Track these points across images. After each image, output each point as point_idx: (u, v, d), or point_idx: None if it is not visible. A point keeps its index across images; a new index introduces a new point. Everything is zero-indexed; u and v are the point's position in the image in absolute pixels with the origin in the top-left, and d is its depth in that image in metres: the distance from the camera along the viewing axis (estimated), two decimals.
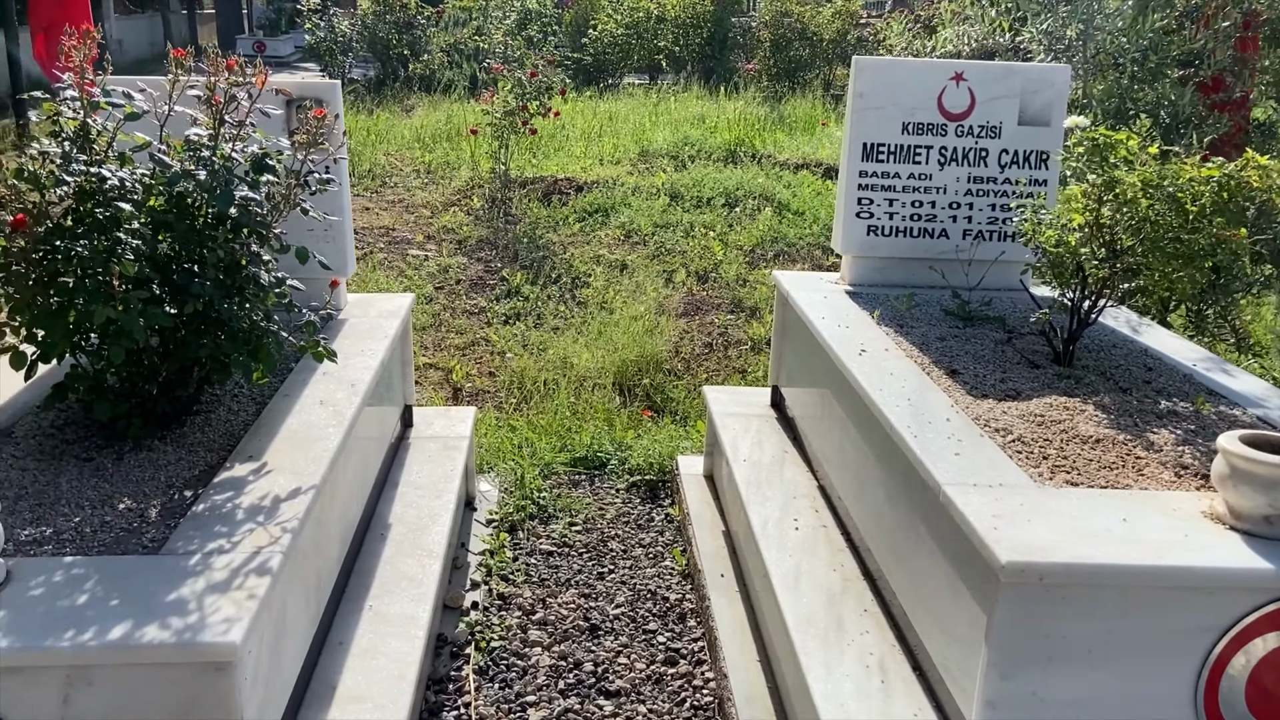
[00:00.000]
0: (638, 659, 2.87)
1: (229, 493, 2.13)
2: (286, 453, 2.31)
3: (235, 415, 2.58)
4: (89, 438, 2.43)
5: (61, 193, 2.28)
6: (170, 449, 2.38)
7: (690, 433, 4.36)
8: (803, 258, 7.12)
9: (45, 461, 2.30)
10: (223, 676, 1.69)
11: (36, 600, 1.74)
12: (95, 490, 2.18)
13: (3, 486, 2.17)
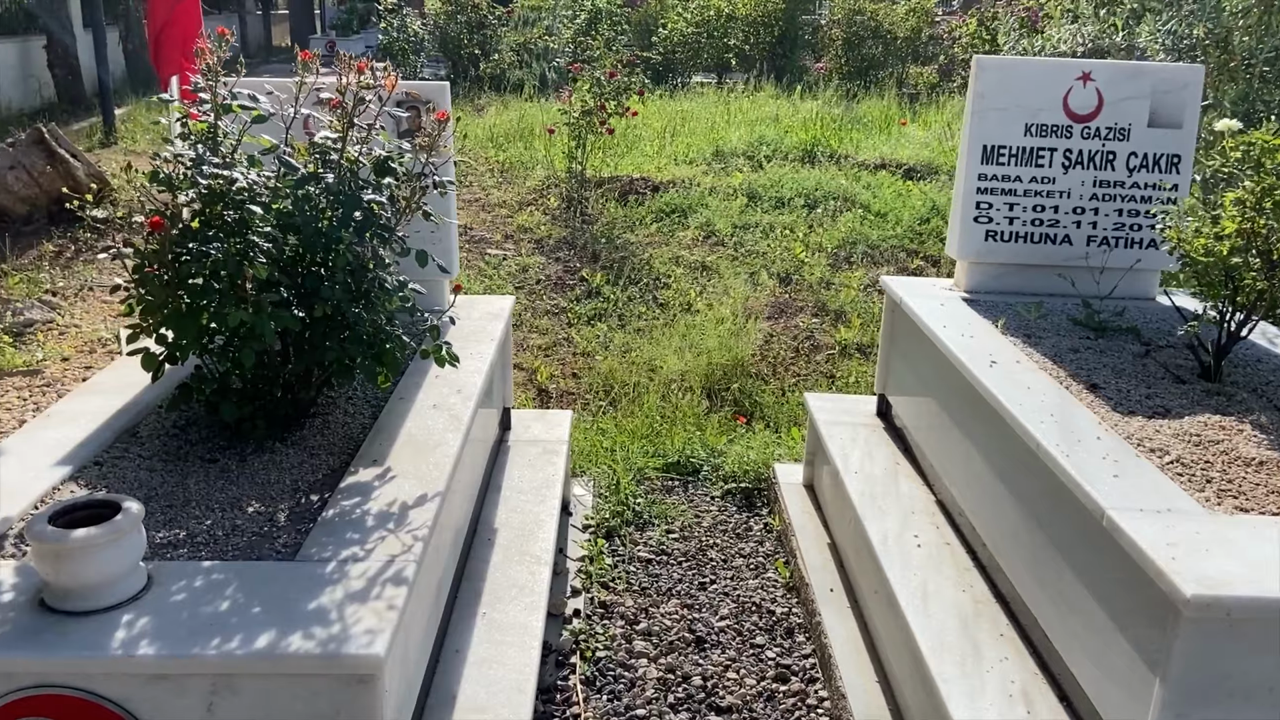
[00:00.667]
0: (747, 674, 2.80)
1: (356, 498, 2.10)
2: (408, 458, 2.29)
3: (352, 418, 2.56)
4: (211, 439, 2.43)
5: (189, 195, 2.28)
6: (292, 452, 2.37)
7: (784, 440, 4.28)
8: (887, 260, 6.98)
9: (171, 463, 2.30)
10: (366, 689, 1.66)
11: (180, 606, 1.73)
12: (223, 493, 2.17)
13: (133, 487, 2.17)
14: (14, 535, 1.97)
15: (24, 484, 2.14)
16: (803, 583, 3.09)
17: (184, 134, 2.43)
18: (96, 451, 2.32)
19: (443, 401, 2.61)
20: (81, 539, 1.66)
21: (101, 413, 2.52)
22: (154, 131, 11.62)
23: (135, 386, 2.69)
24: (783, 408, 4.83)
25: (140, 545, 1.76)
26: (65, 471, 2.21)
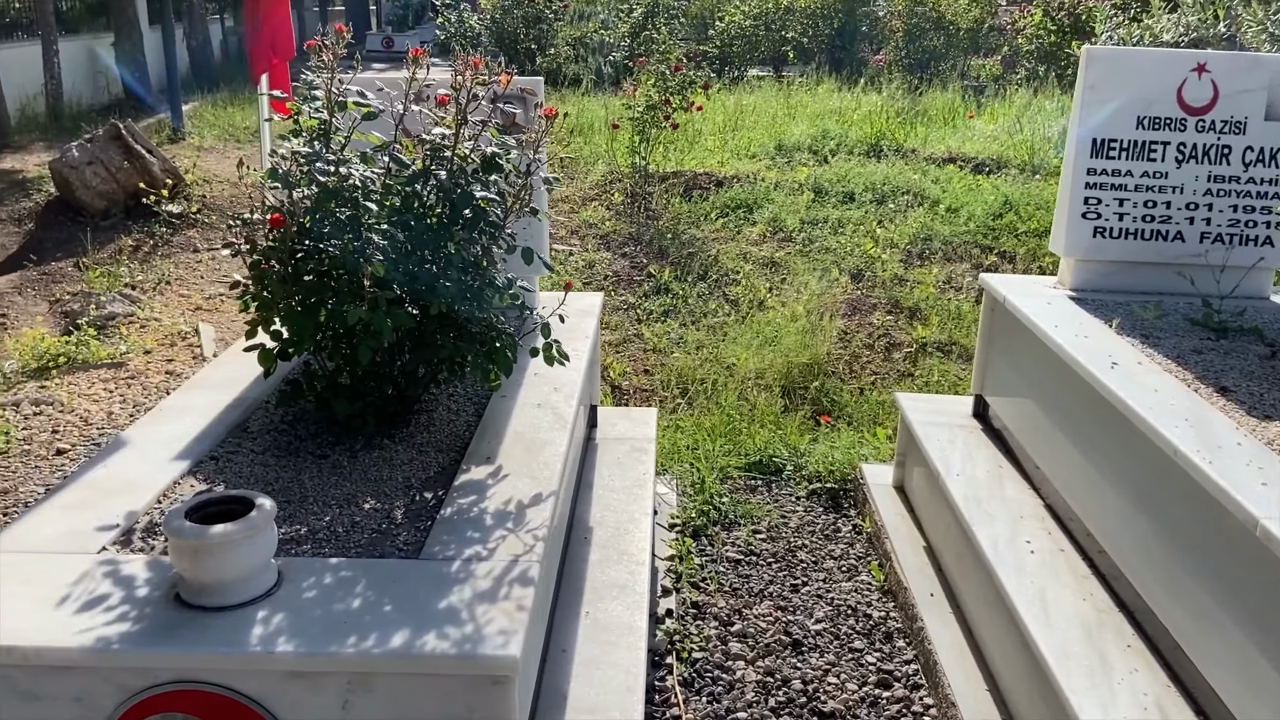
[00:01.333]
0: (848, 679, 2.75)
1: (472, 496, 2.09)
2: (518, 456, 2.27)
3: (456, 415, 2.56)
4: (320, 434, 2.43)
5: (302, 193, 2.28)
6: (401, 448, 2.37)
7: (867, 439, 4.21)
8: (960, 256, 6.86)
9: (284, 458, 2.31)
10: (500, 689, 1.64)
11: (312, 603, 1.72)
12: (338, 489, 2.17)
13: (250, 482, 2.18)
14: (140, 529, 1.98)
15: (145, 478, 2.16)
16: (900, 586, 3.03)
17: (296, 131, 2.44)
18: (211, 446, 2.34)
19: (545, 400, 2.59)
20: (220, 535, 1.67)
21: (211, 408, 2.54)
22: (221, 127, 11.82)
23: (240, 382, 2.71)
24: (862, 407, 4.76)
25: (273, 542, 1.77)
26: (183, 466, 2.23)
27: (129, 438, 2.35)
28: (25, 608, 1.70)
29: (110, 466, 2.20)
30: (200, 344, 5.70)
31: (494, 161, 2.39)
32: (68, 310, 6.01)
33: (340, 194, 2.23)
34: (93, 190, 7.28)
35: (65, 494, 2.09)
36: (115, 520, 1.98)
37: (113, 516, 1.99)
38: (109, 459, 2.24)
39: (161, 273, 6.66)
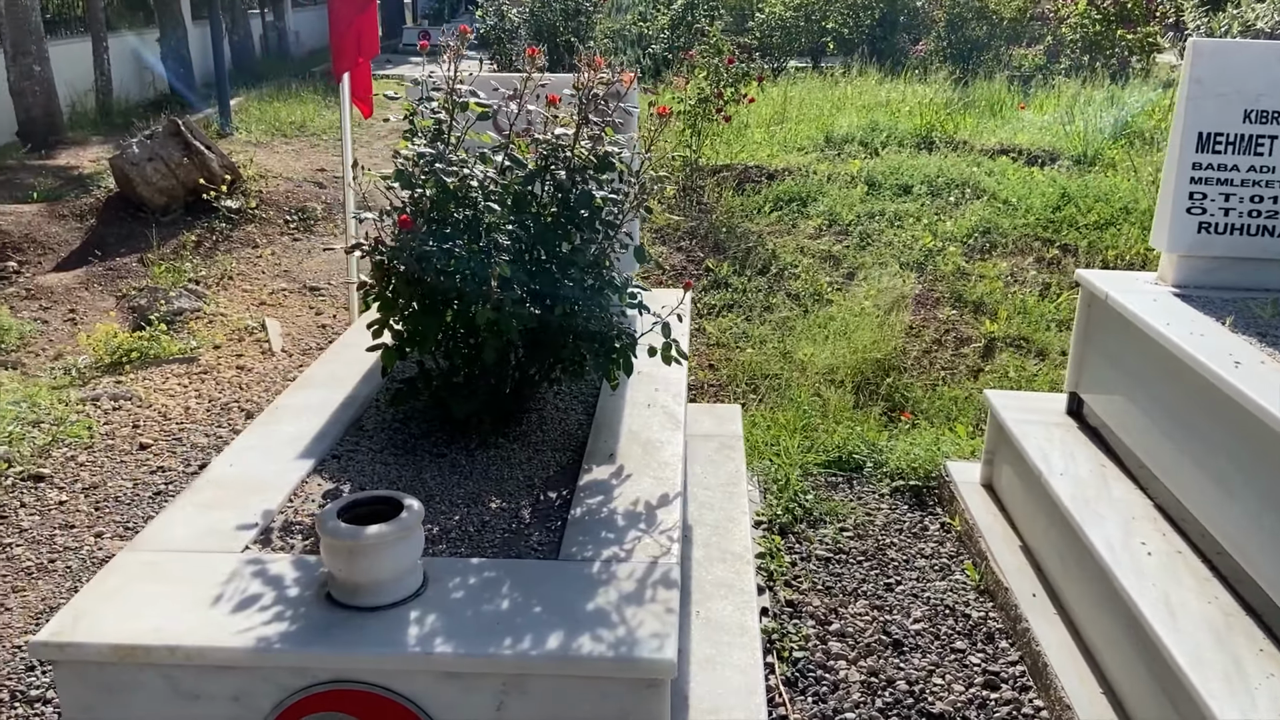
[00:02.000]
0: (954, 680, 2.74)
1: (599, 497, 2.09)
2: (636, 456, 2.27)
3: (565, 415, 2.56)
4: (433, 433, 2.45)
5: (421, 193, 2.29)
6: (517, 447, 2.37)
7: (946, 435, 4.18)
8: (1021, 249, 6.79)
9: (402, 456, 2.33)
10: (654, 693, 1.65)
11: (462, 604, 1.73)
12: (461, 488, 2.18)
13: (373, 481, 2.20)
14: (278, 528, 2.00)
15: (274, 477, 2.18)
16: (999, 586, 3.01)
17: (411, 131, 2.44)
18: (331, 445, 2.35)
19: (653, 399, 2.59)
20: (375, 536, 1.68)
21: (324, 406, 2.55)
22: (267, 122, 11.91)
23: (347, 380, 2.73)
24: (935, 403, 4.72)
25: (421, 542, 1.78)
26: (308, 465, 2.24)
27: (249, 440, 2.37)
28: (180, 608, 1.72)
29: (237, 465, 2.22)
30: (268, 339, 5.76)
31: (608, 160, 2.39)
32: (135, 305, 6.09)
33: (461, 195, 2.24)
34: (153, 186, 7.36)
35: (198, 492, 2.11)
36: (253, 519, 2.00)
37: (249, 515, 2.01)
38: (235, 457, 2.26)
39: (224, 268, 6.72)
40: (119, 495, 3.88)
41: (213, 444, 4.34)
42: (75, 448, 4.25)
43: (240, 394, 4.95)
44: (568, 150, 2.31)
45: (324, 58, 20.25)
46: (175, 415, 4.68)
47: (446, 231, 2.20)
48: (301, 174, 9.08)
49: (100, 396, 4.78)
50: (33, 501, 3.78)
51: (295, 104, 13.21)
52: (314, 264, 7.00)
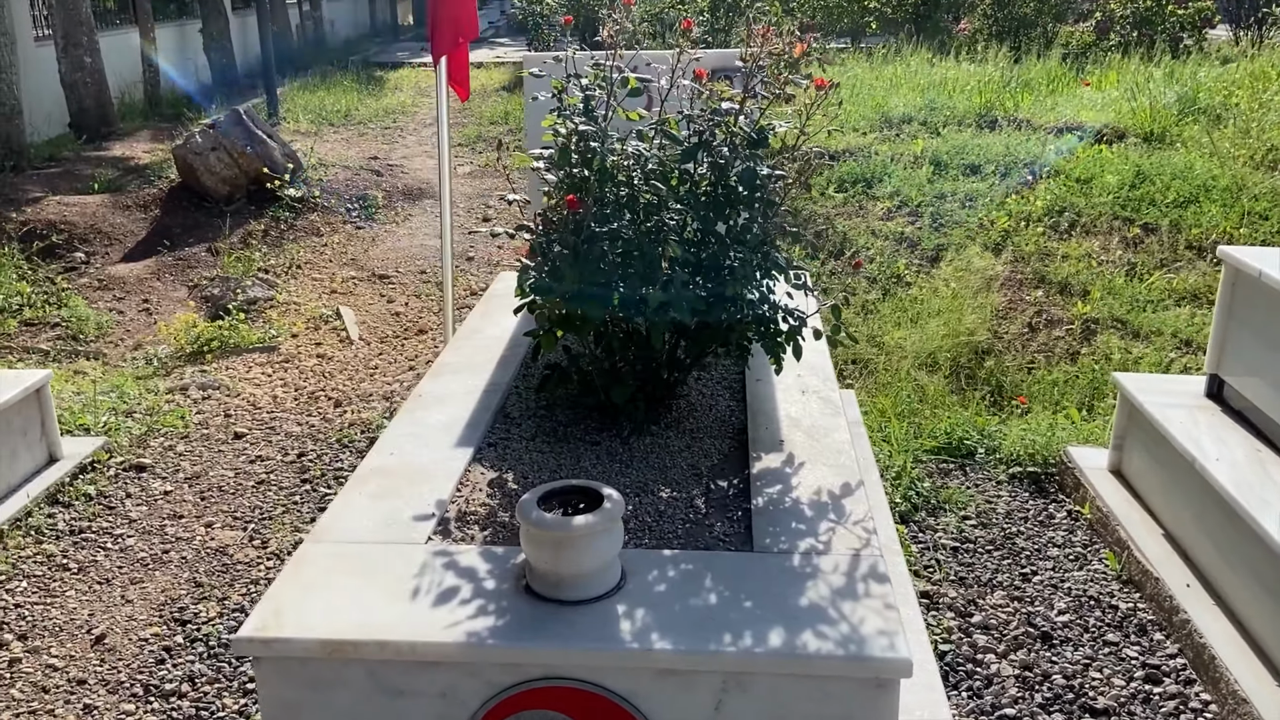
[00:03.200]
0: (1112, 674, 2.64)
1: (776, 486, 2.02)
2: (802, 443, 2.19)
3: (714, 401, 2.48)
4: (582, 420, 2.38)
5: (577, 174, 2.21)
6: (672, 435, 2.30)
7: (1059, 420, 4.07)
8: (1101, 229, 6.64)
9: (556, 444, 2.26)
10: (883, 692, 1.57)
11: (667, 598, 1.66)
12: (625, 476, 2.11)
13: (535, 469, 2.13)
14: (454, 519, 1.94)
15: (435, 466, 2.12)
16: (1147, 576, 2.91)
17: (560, 109, 2.37)
18: (484, 433, 2.29)
19: (806, 384, 2.51)
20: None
21: (467, 394, 2.49)
22: (313, 111, 11.89)
23: (482, 368, 2.66)
24: (1034, 386, 4.61)
25: (621, 534, 1.70)
26: (466, 453, 2.18)
27: (403, 424, 2.31)
28: (380, 601, 1.66)
29: (397, 454, 2.16)
30: (344, 327, 5.72)
31: (762, 136, 2.30)
32: (208, 295, 6.07)
33: (623, 174, 2.16)
34: (216, 176, 7.35)
35: (364, 482, 2.05)
36: (427, 509, 1.94)
37: (423, 506, 1.95)
38: (394, 445, 2.20)
39: (291, 257, 6.70)
40: (222, 485, 3.85)
41: (306, 433, 4.30)
42: (171, 437, 4.23)
43: (325, 382, 4.91)
44: (725, 126, 2.22)
45: (360, 46, 20.24)
46: (264, 404, 4.64)
47: (607, 212, 2.12)
48: (356, 162, 9.05)
49: (189, 386, 4.76)
50: (138, 492, 3.75)
51: (339, 93, 13.20)
52: (380, 252, 6.96)
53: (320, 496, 3.74)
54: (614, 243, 2.06)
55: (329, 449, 4.14)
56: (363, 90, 13.45)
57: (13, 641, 2.88)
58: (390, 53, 19.25)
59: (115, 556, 3.33)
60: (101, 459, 3.92)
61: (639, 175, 2.17)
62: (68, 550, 3.34)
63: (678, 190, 2.21)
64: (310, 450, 4.13)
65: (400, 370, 5.04)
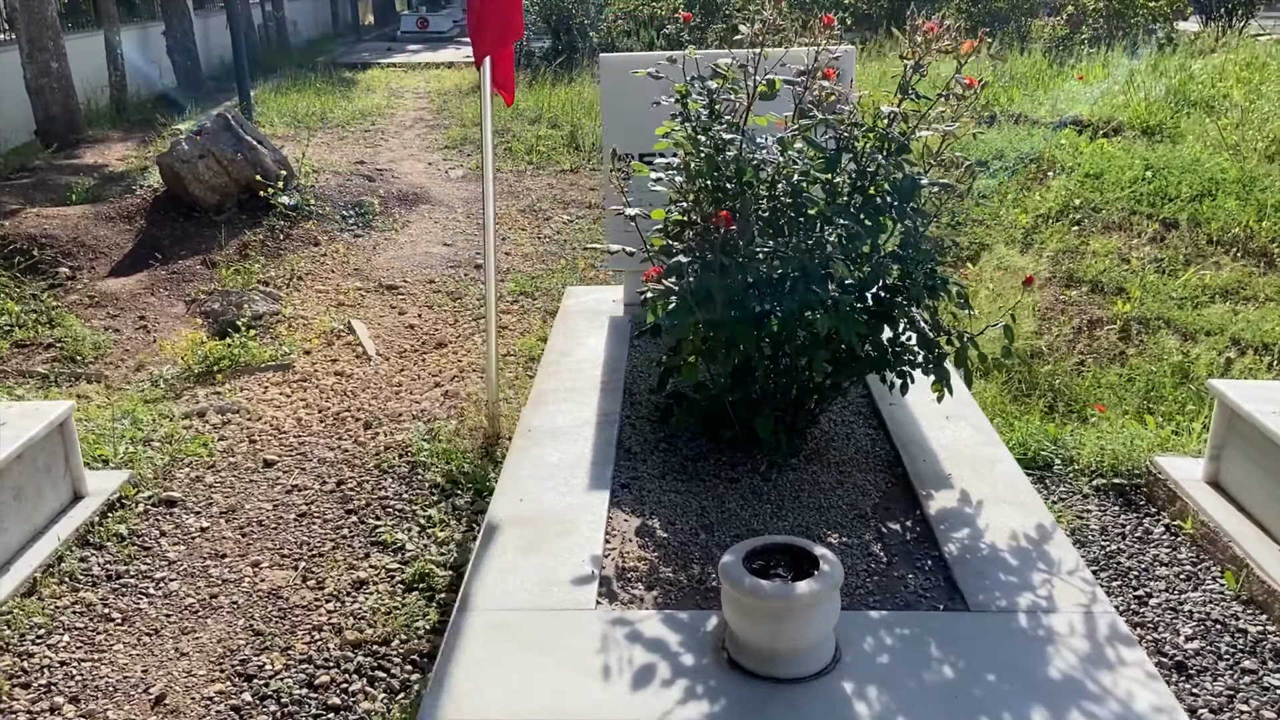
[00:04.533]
0: (1260, 706, 2.50)
1: (962, 529, 1.84)
2: (971, 478, 2.02)
3: (849, 428, 2.30)
4: (709, 454, 2.18)
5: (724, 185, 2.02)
6: (815, 468, 2.12)
7: (1131, 426, 3.94)
8: (1120, 225, 6.56)
9: (692, 482, 2.07)
10: None
11: (894, 672, 1.48)
12: (781, 519, 1.92)
13: (678, 511, 1.94)
14: (614, 576, 1.74)
15: (574, 512, 1.91)
16: (1274, 597, 2.77)
17: (681, 114, 2.17)
18: (611, 472, 2.09)
19: (950, 410, 2.33)
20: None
21: (579, 426, 2.28)
22: (287, 114, 11.53)
23: (585, 397, 2.46)
24: (1096, 390, 4.49)
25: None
26: (602, 497, 1.98)
27: (521, 465, 2.10)
28: (564, 681, 1.45)
29: (528, 501, 1.95)
30: (359, 342, 5.46)
31: (905, 143, 2.12)
32: (208, 310, 5.77)
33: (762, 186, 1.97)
34: (205, 184, 7.02)
35: (502, 533, 1.84)
36: (584, 568, 1.73)
37: (577, 562, 1.75)
38: (520, 490, 1.99)
39: (291, 268, 6.40)
40: (262, 519, 3.59)
41: (341, 458, 4.05)
42: (197, 467, 3.96)
43: (349, 402, 4.65)
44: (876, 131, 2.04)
45: (323, 47, 19.77)
46: (289, 428, 4.38)
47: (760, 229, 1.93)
48: (343, 167, 8.75)
49: (206, 410, 4.48)
50: (172, 529, 3.49)
51: (311, 95, 12.82)
52: (383, 261, 6.69)
53: (370, 530, 3.50)
54: (771, 262, 1.87)
55: (369, 476, 3.90)
56: (335, 92, 13.07)
57: (65, 705, 2.63)
58: (356, 53, 18.84)
59: (160, 603, 3.07)
60: (129, 494, 3.65)
61: (783, 186, 1.98)
62: (108, 598, 3.08)
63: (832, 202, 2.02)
64: (349, 478, 3.89)
65: (426, 387, 4.80)
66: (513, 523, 1.85)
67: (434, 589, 3.14)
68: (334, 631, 2.96)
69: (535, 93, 11.94)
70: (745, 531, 1.87)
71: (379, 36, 22.11)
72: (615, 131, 2.76)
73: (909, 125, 2.03)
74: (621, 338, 2.59)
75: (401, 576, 3.22)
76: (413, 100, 13.07)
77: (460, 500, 3.69)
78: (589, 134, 9.76)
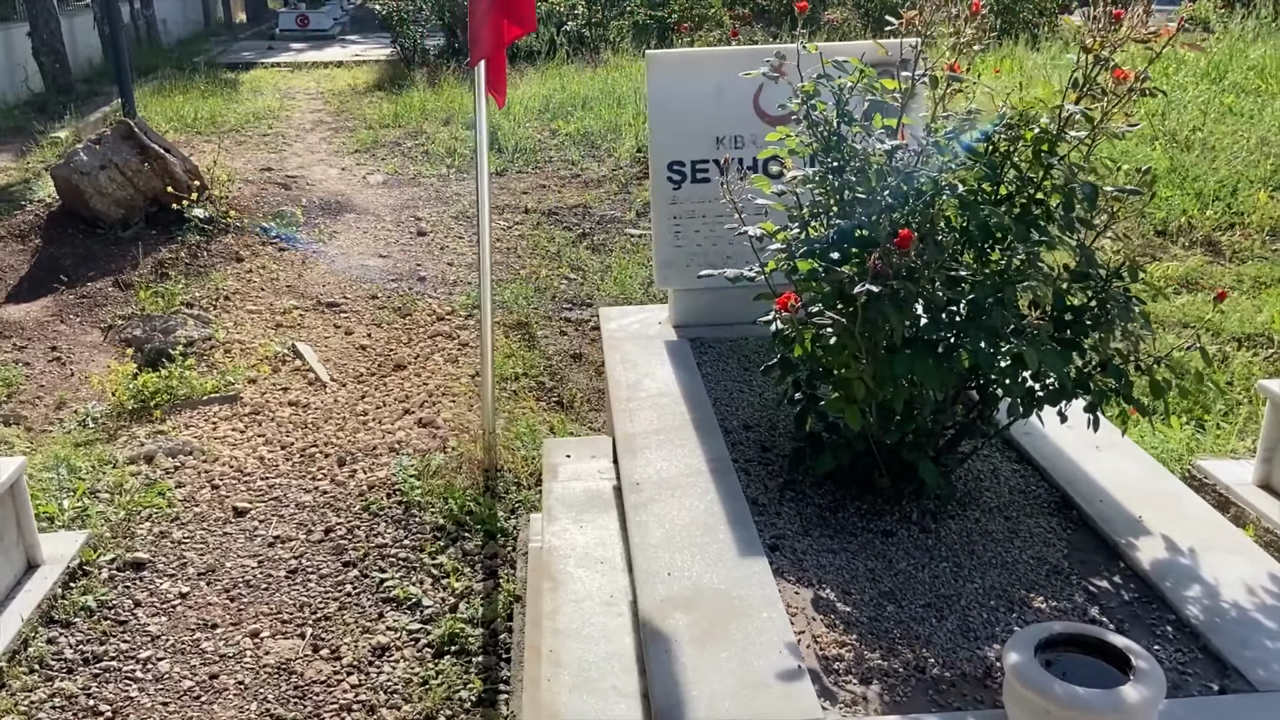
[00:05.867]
0: None
1: (1193, 586, 1.64)
2: (1165, 521, 1.83)
3: (989, 462, 2.09)
4: (847, 503, 1.93)
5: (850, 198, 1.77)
6: (978, 514, 1.90)
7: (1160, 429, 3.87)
8: None
9: (841, 537, 1.81)
10: None
11: None
12: (965, 581, 1.69)
13: (857, 580, 1.68)
14: (822, 670, 1.47)
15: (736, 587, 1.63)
16: None
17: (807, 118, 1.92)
18: (756, 533, 1.81)
19: (1098, 439, 2.11)
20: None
21: (691, 476, 2.00)
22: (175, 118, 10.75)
23: (679, 436, 2.17)
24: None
25: None
26: (759, 566, 1.70)
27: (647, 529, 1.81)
28: None
29: (677, 574, 1.66)
30: (309, 367, 4.99)
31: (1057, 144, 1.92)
32: (129, 338, 5.20)
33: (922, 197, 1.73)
34: (109, 198, 6.39)
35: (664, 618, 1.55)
36: (784, 660, 1.46)
37: (773, 654, 1.47)
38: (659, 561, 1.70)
39: (216, 286, 5.86)
40: (249, 579, 3.17)
41: (321, 501, 3.64)
42: (158, 520, 3.49)
43: (313, 435, 4.23)
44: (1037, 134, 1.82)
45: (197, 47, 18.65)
46: (253, 469, 3.94)
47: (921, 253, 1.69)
48: (252, 175, 8.17)
49: (155, 453, 3.99)
50: (147, 598, 3.04)
51: (196, 97, 12.00)
52: (316, 276, 6.20)
53: (376, 584, 3.13)
54: (955, 287, 1.63)
55: (358, 520, 3.52)
56: (220, 94, 12.26)
57: None
58: (235, 53, 17.83)
59: (153, 689, 2.65)
60: (89, 558, 3.17)
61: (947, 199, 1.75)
62: (90, 687, 2.63)
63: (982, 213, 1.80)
64: (336, 524, 3.49)
65: (395, 415, 4.40)
66: (673, 606, 1.57)
67: (468, 651, 2.82)
68: (366, 711, 2.60)
69: (442, 93, 11.47)
70: (935, 598, 1.63)
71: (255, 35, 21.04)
72: (666, 136, 2.50)
73: (1088, 125, 1.82)
74: (686, 365, 2.33)
75: (427, 639, 2.88)
76: (306, 102, 12.38)
77: (470, 544, 3.35)
78: (509, 135, 9.38)
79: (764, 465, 2.01)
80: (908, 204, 1.73)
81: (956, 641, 1.51)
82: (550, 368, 4.81)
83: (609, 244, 6.55)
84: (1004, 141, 1.80)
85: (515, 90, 11.35)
